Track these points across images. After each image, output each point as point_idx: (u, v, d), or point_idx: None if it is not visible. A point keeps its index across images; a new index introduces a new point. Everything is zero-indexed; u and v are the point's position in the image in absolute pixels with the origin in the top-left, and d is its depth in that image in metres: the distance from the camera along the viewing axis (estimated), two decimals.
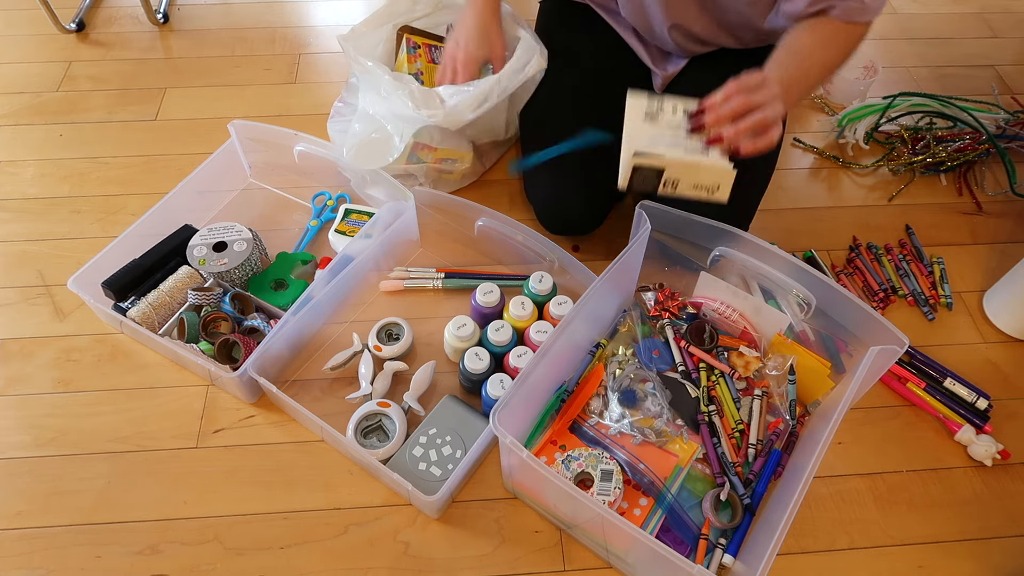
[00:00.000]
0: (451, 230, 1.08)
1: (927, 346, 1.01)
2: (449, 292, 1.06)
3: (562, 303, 0.95)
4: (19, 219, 1.14)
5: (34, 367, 0.97)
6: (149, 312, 0.94)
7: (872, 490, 0.88)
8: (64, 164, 1.22)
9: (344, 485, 0.87)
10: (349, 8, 1.56)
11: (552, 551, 0.83)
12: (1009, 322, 1.02)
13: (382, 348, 0.95)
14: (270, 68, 1.41)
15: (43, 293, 1.05)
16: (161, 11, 1.50)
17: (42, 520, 0.84)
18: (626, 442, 0.86)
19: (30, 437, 0.91)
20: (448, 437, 0.87)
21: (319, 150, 1.06)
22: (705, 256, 0.91)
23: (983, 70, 1.44)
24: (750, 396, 0.90)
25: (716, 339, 0.94)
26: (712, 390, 0.90)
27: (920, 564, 0.83)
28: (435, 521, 0.85)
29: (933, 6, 1.60)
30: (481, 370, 0.89)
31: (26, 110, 1.32)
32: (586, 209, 1.06)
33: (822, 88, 1.37)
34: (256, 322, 0.94)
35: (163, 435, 0.91)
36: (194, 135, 1.28)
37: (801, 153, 1.28)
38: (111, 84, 1.37)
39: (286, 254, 1.06)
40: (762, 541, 0.70)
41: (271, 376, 0.90)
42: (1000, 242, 1.14)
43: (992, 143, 1.23)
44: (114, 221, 1.14)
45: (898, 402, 0.96)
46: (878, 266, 1.09)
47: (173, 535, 0.83)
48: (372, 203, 1.12)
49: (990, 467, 0.90)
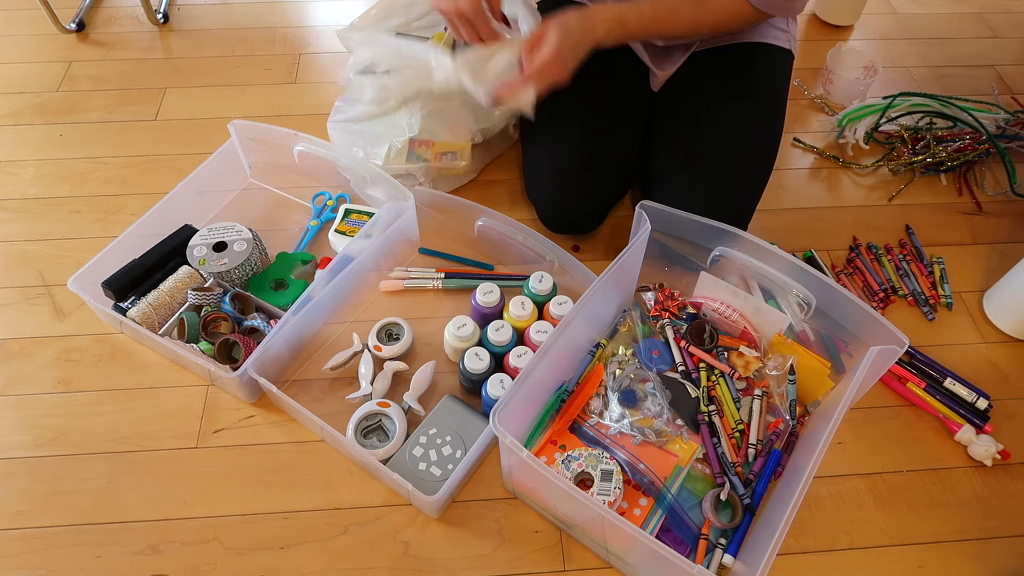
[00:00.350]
0: (451, 230, 1.08)
1: (927, 346, 1.01)
2: (449, 292, 1.06)
3: (562, 303, 0.95)
4: (19, 219, 1.14)
5: (34, 367, 0.97)
6: (149, 312, 0.94)
7: (872, 490, 0.88)
8: (64, 164, 1.22)
9: (344, 485, 0.87)
10: (349, 8, 1.56)
11: (552, 551, 0.83)
12: (1009, 322, 1.02)
13: (382, 348, 0.95)
14: (270, 68, 1.41)
15: (43, 293, 1.05)
16: (161, 11, 1.50)
17: (42, 520, 0.84)
18: (626, 442, 0.86)
19: (30, 437, 0.91)
20: (448, 437, 0.87)
21: (319, 150, 1.06)
22: (705, 256, 0.91)
23: (983, 70, 1.44)
24: (750, 396, 0.90)
25: (716, 339, 0.94)
26: (712, 390, 0.90)
27: (920, 564, 0.83)
28: (435, 521, 0.85)
29: (933, 6, 1.60)
30: (481, 370, 0.89)
31: (26, 110, 1.32)
32: (588, 207, 1.06)
33: (822, 88, 1.38)
34: (256, 322, 0.94)
35: (163, 435, 0.91)
36: (194, 135, 1.28)
37: (801, 153, 1.28)
38: (111, 84, 1.37)
39: (286, 254, 1.06)
40: (762, 541, 0.70)
41: (271, 376, 0.90)
42: (1000, 242, 1.14)
43: (992, 143, 1.23)
44: (114, 221, 1.14)
45: (898, 402, 0.96)
46: (878, 266, 1.09)
47: (173, 535, 0.83)
48: (372, 203, 1.12)
49: (990, 467, 0.90)
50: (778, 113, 1.04)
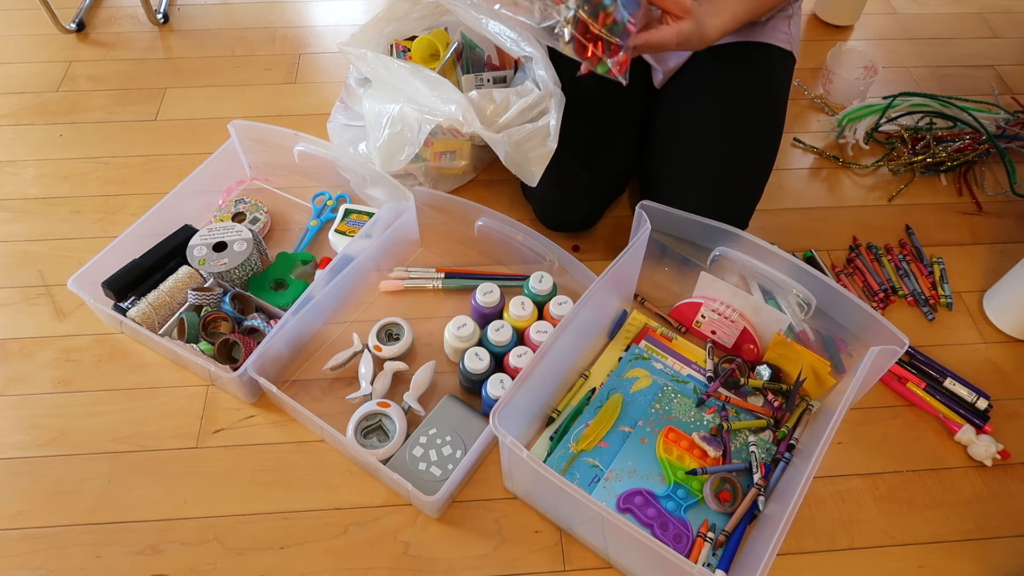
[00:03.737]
0: (451, 230, 1.08)
1: (927, 346, 1.01)
2: (449, 292, 1.06)
3: (562, 303, 0.95)
4: (19, 219, 1.14)
5: (34, 367, 0.97)
6: (149, 312, 0.94)
7: (872, 490, 0.88)
8: (64, 164, 1.22)
9: (344, 485, 0.87)
10: (349, 8, 1.56)
11: (552, 551, 0.83)
12: (1009, 322, 1.02)
13: (382, 348, 0.95)
14: (270, 68, 1.41)
15: (43, 293, 1.05)
16: (161, 11, 1.50)
17: (42, 520, 0.84)
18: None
19: (30, 437, 0.91)
20: (448, 437, 0.87)
21: (319, 150, 1.06)
22: (705, 256, 0.91)
23: (983, 70, 1.44)
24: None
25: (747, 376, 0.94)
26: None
27: (920, 564, 0.83)
28: (435, 521, 0.85)
29: (933, 6, 1.60)
30: (481, 370, 0.89)
31: (26, 110, 1.32)
32: (586, 206, 1.06)
33: (822, 88, 1.38)
34: (256, 322, 0.94)
35: (163, 435, 0.91)
36: (194, 135, 1.28)
37: (801, 153, 1.28)
38: (111, 84, 1.37)
39: (286, 254, 1.06)
40: (762, 541, 0.70)
41: (271, 376, 0.90)
42: (1000, 242, 1.14)
43: (992, 143, 1.23)
44: (114, 221, 1.14)
45: (898, 402, 0.96)
46: (878, 266, 1.09)
47: (173, 535, 0.83)
48: (372, 203, 1.12)
49: (990, 467, 0.90)
50: (779, 113, 1.04)
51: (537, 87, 1.00)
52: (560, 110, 0.96)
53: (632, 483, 0.84)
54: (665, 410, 0.91)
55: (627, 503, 0.83)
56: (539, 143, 0.95)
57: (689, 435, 0.88)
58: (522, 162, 0.97)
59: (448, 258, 1.09)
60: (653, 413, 0.90)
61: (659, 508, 0.82)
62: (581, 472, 0.85)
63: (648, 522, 0.81)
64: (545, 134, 0.95)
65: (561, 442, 0.88)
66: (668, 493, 0.84)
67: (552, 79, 0.99)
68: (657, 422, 0.89)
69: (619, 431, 0.89)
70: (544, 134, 0.95)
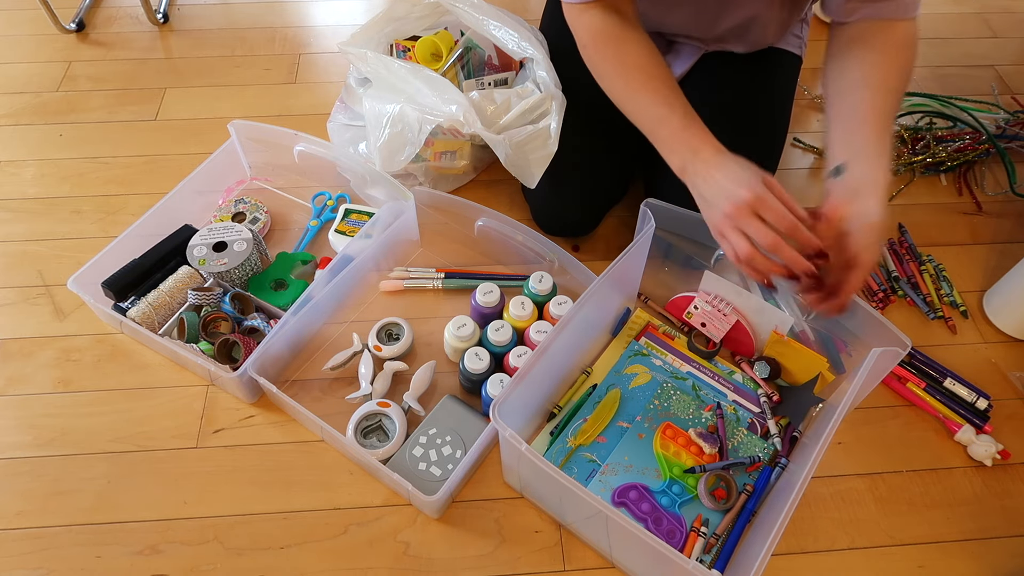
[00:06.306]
0: (451, 230, 1.08)
1: (927, 346, 1.01)
2: (449, 292, 1.06)
3: (562, 303, 0.95)
4: (19, 219, 1.14)
5: (34, 367, 0.97)
6: (149, 312, 0.94)
7: (872, 490, 0.88)
8: (64, 164, 1.22)
9: (344, 485, 0.87)
10: (349, 8, 1.56)
11: (552, 551, 0.83)
12: (1009, 322, 1.02)
13: (382, 348, 0.95)
14: (270, 68, 1.41)
15: (43, 293, 1.05)
16: (161, 11, 1.50)
17: (42, 520, 0.84)
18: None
19: (30, 437, 0.91)
20: (448, 437, 0.87)
21: (319, 150, 1.06)
22: (709, 255, 0.91)
23: (983, 70, 1.44)
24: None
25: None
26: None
27: (920, 564, 0.83)
28: (435, 521, 0.85)
29: (933, 6, 1.59)
30: (481, 370, 0.89)
31: (26, 110, 1.32)
32: (584, 212, 1.06)
33: (822, 88, 1.37)
34: (256, 322, 0.94)
35: (163, 435, 0.91)
36: (194, 135, 1.28)
37: (801, 153, 1.28)
38: (111, 84, 1.37)
39: (286, 254, 1.06)
40: (758, 540, 0.70)
41: (271, 376, 0.90)
42: (1000, 242, 1.14)
43: (992, 143, 1.23)
44: (114, 221, 1.14)
45: (898, 402, 0.96)
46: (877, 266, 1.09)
47: (173, 535, 0.83)
48: (372, 203, 1.12)
49: (990, 467, 0.90)
50: (784, 115, 1.04)
51: (538, 89, 1.00)
52: (561, 112, 0.96)
53: (628, 478, 0.85)
54: (664, 407, 0.91)
55: (622, 497, 0.83)
56: (540, 145, 0.95)
57: (686, 431, 0.88)
58: (522, 164, 0.97)
59: (448, 258, 1.09)
60: (651, 409, 0.90)
61: (654, 503, 0.82)
62: (579, 466, 0.86)
63: (642, 516, 0.81)
64: (546, 136, 0.95)
65: (560, 437, 0.88)
66: (663, 488, 0.84)
67: (553, 80, 0.99)
68: (655, 418, 0.90)
69: (617, 426, 0.89)
70: (545, 136, 0.95)
